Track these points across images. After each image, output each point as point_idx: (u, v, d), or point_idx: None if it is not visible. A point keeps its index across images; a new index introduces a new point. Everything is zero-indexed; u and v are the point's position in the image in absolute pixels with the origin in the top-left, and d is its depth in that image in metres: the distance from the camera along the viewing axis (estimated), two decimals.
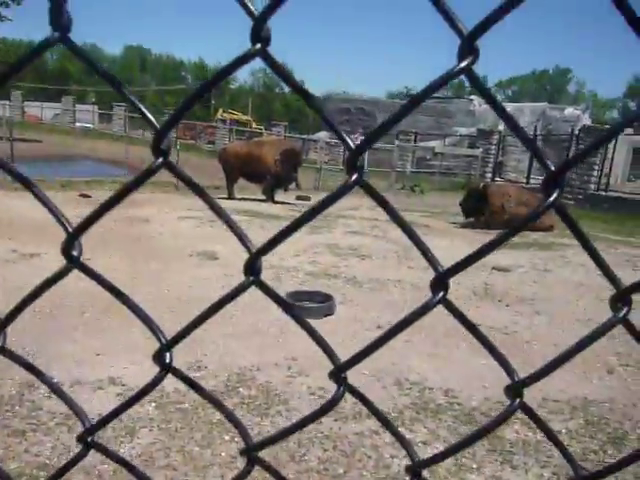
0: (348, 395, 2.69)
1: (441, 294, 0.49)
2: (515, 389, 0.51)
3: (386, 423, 0.55)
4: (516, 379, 0.51)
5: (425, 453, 3.63)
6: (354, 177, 0.45)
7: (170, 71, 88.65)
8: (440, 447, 3.73)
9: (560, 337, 5.78)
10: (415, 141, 29.93)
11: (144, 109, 0.49)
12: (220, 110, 44.45)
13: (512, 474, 3.49)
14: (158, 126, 0.46)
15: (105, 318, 5.57)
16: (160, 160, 0.47)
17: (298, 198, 16.15)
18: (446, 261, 0.59)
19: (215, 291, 6.33)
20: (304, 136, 35.69)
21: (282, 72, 0.42)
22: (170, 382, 3.53)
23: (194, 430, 3.75)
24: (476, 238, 11.11)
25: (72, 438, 3.56)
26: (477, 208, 13.19)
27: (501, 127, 29.93)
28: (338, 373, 0.51)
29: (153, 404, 4.02)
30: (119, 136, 33.00)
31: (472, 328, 0.50)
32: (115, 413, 0.55)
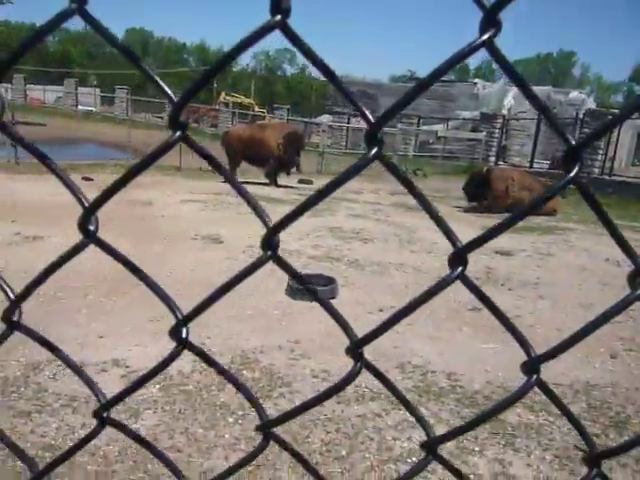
0: None
1: (460, 269, 0.48)
2: (532, 365, 0.51)
3: (402, 399, 0.54)
4: (533, 355, 0.51)
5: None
6: (374, 151, 0.44)
7: (172, 54, 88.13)
8: (443, 430, 3.75)
9: (563, 321, 5.80)
10: (418, 125, 29.77)
11: (161, 82, 0.48)
12: (222, 93, 44.18)
13: (514, 457, 3.51)
14: (175, 99, 0.46)
15: (108, 300, 5.60)
16: (178, 134, 0.46)
17: (300, 182, 16.12)
18: (449, 245, 0.58)
19: (218, 274, 6.34)
20: (306, 119, 35.54)
21: (302, 46, 0.41)
22: (173, 364, 3.55)
23: (198, 412, 3.77)
24: (479, 222, 11.10)
25: (77, 419, 3.59)
26: (480, 192, 13.14)
27: (505, 111, 29.73)
28: (355, 349, 0.50)
29: (157, 386, 4.04)
30: (122, 119, 32.89)
31: (490, 305, 0.50)
32: (130, 390, 0.55)
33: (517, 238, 9.79)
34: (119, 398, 0.56)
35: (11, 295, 0.53)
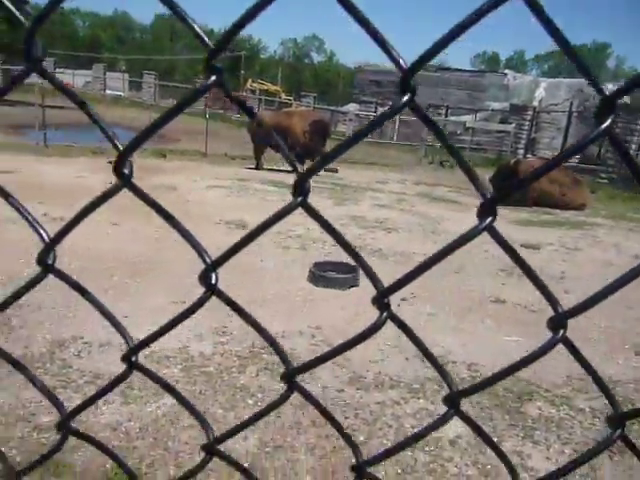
0: (371, 365, 2.74)
1: (489, 220, 0.47)
2: (559, 320, 0.50)
3: (426, 353, 0.54)
4: (560, 311, 0.50)
5: (445, 426, 3.64)
6: (405, 98, 0.43)
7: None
8: (463, 423, 3.73)
9: (588, 317, 5.71)
10: (446, 115, 29.45)
11: (196, 27, 0.47)
12: (249, 80, 44.21)
13: (533, 449, 3.48)
14: (211, 44, 0.45)
15: (132, 282, 5.67)
16: (213, 78, 0.45)
17: (325, 170, 16.07)
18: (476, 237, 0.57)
19: (242, 258, 6.38)
20: (333, 108, 35.40)
21: None
22: (195, 347, 3.56)
23: (218, 393, 3.81)
24: (504, 215, 10.97)
25: None
26: (507, 185, 12.94)
27: (535, 103, 29.23)
28: (381, 298, 0.50)
29: (179, 367, 4.10)
30: (149, 105, 33.11)
31: (518, 258, 0.49)
32: (158, 334, 0.56)
33: (544, 232, 9.67)
34: (148, 341, 0.57)
35: (46, 238, 0.54)
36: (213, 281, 0.52)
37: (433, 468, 3.21)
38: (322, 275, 5.95)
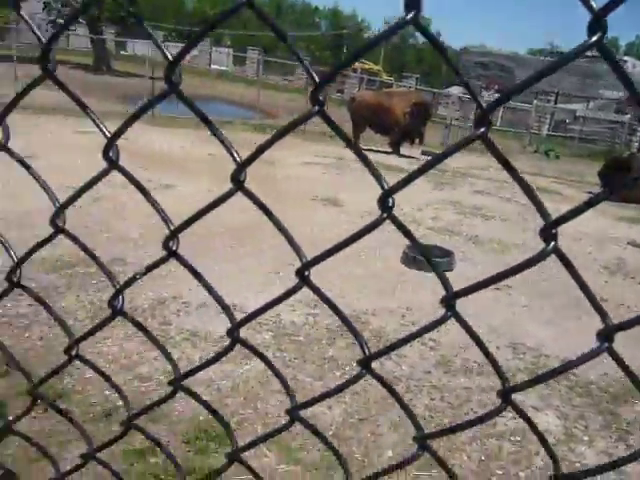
0: (460, 350, 2.74)
1: None
2: None
3: (587, 292, 0.54)
4: None
5: (535, 419, 3.55)
6: (595, 38, 0.43)
7: (305, 17, 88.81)
8: (552, 415, 3.63)
9: None
10: (556, 102, 28.05)
11: None
12: None
13: (626, 452, 3.33)
14: None
15: (239, 248, 5.89)
16: (411, 15, 0.48)
17: (424, 153, 15.80)
18: (576, 231, 0.56)
19: (334, 235, 6.45)
20: (435, 90, 34.62)
21: None
22: (287, 316, 3.67)
23: (307, 362, 3.91)
24: (611, 211, 10.39)
25: (196, 353, 3.86)
26: (618, 180, 12.20)
27: None
28: (549, 229, 0.51)
29: (270, 333, 4.24)
30: (253, 80, 33.82)
31: None
32: (333, 251, 0.59)
33: None
34: (321, 258, 0.61)
35: (238, 159, 0.61)
36: (390, 204, 0.55)
37: (518, 459, 3.16)
38: (416, 257, 5.91)
